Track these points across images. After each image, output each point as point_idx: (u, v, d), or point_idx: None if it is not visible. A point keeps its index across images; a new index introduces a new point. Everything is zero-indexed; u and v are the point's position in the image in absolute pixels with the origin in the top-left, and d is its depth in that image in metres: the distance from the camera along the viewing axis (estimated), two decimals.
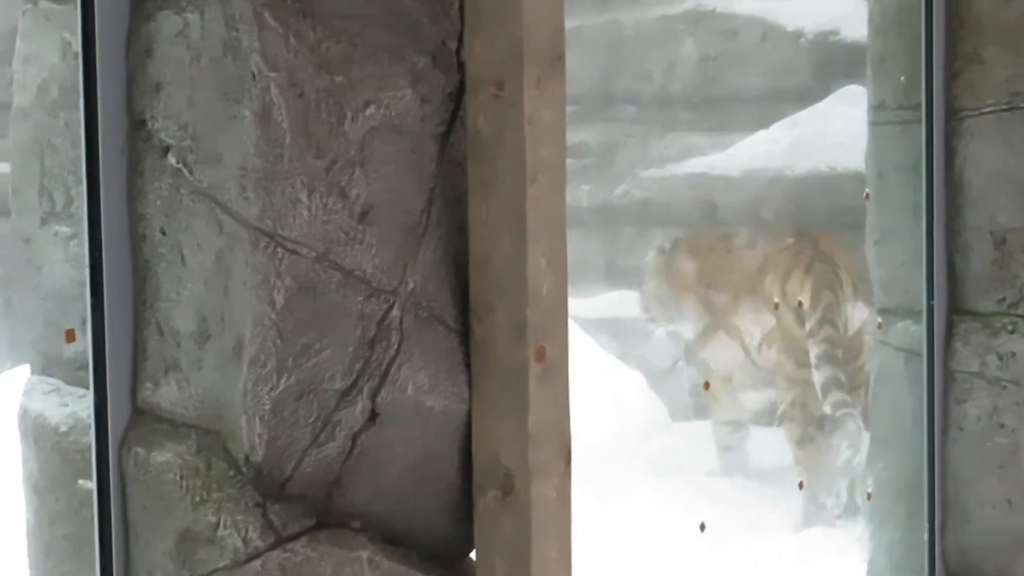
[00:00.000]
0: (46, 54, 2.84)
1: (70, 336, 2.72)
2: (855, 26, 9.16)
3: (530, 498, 2.54)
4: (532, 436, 2.55)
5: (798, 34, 9.61)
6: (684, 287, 8.21)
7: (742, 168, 9.28)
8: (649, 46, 9.93)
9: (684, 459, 7.35)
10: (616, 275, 8.99)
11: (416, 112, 2.65)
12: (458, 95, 2.71)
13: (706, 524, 6.12)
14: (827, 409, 7.60)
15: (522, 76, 2.61)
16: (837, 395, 7.63)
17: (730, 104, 9.60)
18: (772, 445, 7.75)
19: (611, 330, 8.29)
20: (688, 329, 8.01)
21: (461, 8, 2.71)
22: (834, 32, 9.54)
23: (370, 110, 2.59)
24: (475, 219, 2.66)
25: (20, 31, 2.90)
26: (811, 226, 8.69)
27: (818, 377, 7.62)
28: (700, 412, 8.10)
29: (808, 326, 7.76)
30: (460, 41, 2.71)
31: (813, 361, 7.61)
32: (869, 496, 4.35)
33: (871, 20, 4.38)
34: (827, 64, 9.46)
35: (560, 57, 2.67)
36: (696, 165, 9.56)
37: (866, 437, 6.10)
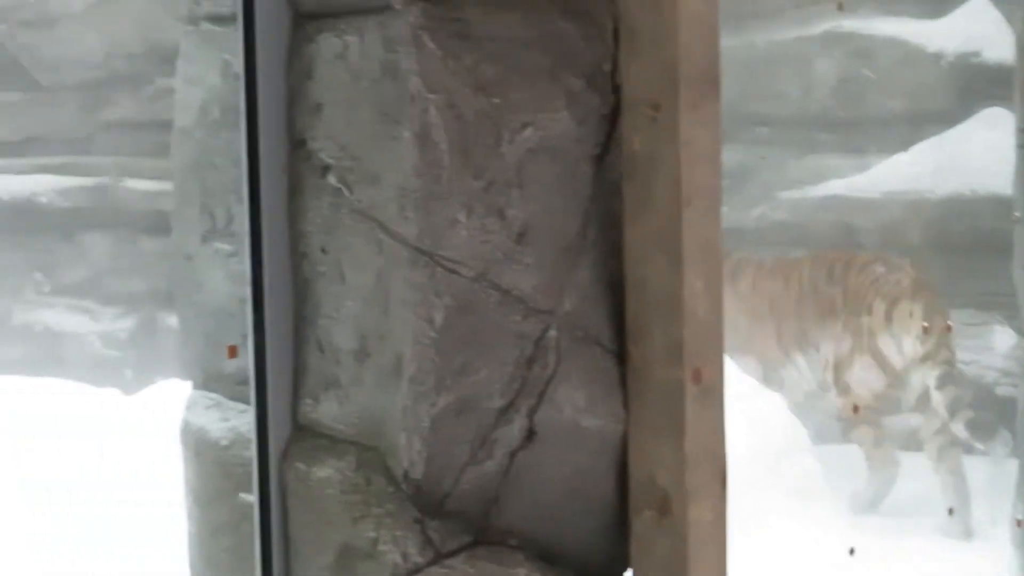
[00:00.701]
0: (207, 75, 2.89)
1: (232, 352, 2.77)
2: (997, 48, 9.09)
3: (687, 520, 2.54)
4: (688, 458, 2.55)
5: (938, 56, 9.53)
6: (750, 311, 8.18)
7: (881, 190, 9.23)
8: (785, 68, 9.90)
9: (828, 483, 7.32)
10: None
11: (572, 134, 2.67)
12: (612, 117, 2.72)
13: (855, 549, 6.09)
14: (958, 430, 7.59)
15: (678, 98, 2.62)
16: (968, 413, 7.63)
17: (868, 126, 9.55)
18: (918, 469, 7.71)
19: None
20: (829, 351, 7.98)
21: (615, 31, 2.72)
22: (975, 53, 9.45)
23: (527, 132, 2.61)
24: (630, 241, 2.67)
25: (181, 52, 2.96)
26: (953, 249, 8.62)
27: (942, 399, 7.64)
28: (843, 435, 8.06)
29: (924, 349, 7.78)
30: (614, 63, 2.72)
31: (934, 383, 7.66)
32: (1019, 523, 4.30)
33: (1019, 44, 4.35)
34: (968, 86, 9.38)
35: (715, 81, 2.68)
36: (834, 187, 9.52)
37: (1013, 464, 6.04)
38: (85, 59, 11.44)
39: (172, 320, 11.00)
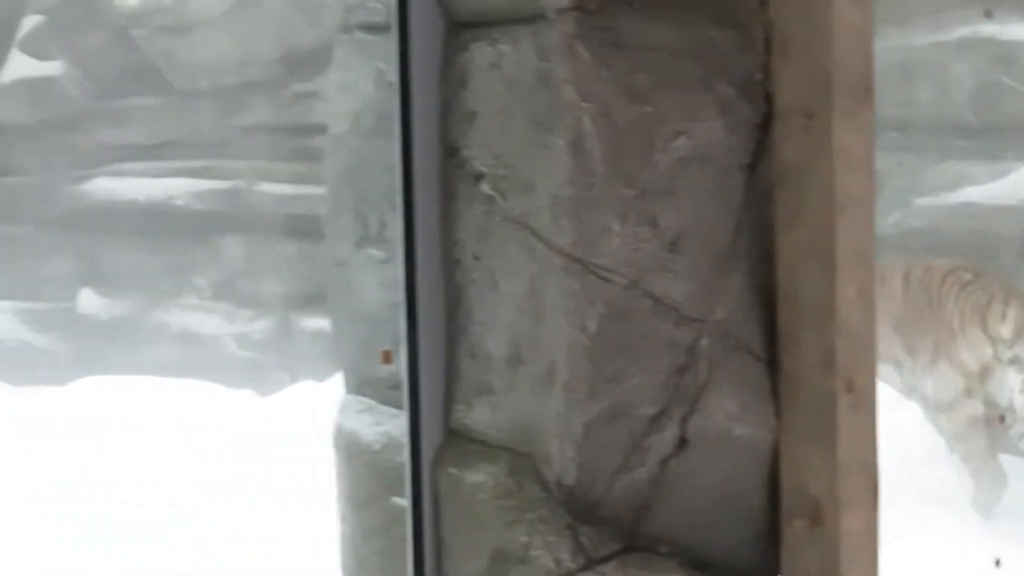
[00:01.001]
0: (360, 83, 2.93)
1: (387, 357, 2.80)
2: None
3: (839, 529, 2.54)
4: (841, 467, 2.55)
5: None
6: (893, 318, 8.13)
7: (1019, 197, 9.11)
8: (921, 73, 9.80)
9: (969, 493, 7.25)
10: None
11: (724, 142, 2.67)
12: (764, 126, 2.72)
13: (1000, 560, 6.02)
14: None
15: (831, 106, 2.61)
16: None
17: (1007, 132, 9.43)
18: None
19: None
20: (972, 361, 7.90)
21: (766, 40, 2.72)
22: None
23: (679, 140, 2.62)
24: (782, 249, 2.67)
25: (334, 61, 3.00)
26: None
27: None
28: (988, 445, 7.97)
29: (1007, 355, 7.73)
30: (765, 72, 2.72)
31: (1020, 386, 7.60)
32: None
33: None
34: None
35: (869, 89, 2.67)
36: (971, 194, 9.41)
37: None
38: (221, 64, 11.58)
39: (306, 323, 11.12)
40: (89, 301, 12.18)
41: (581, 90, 2.55)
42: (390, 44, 2.75)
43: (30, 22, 12.35)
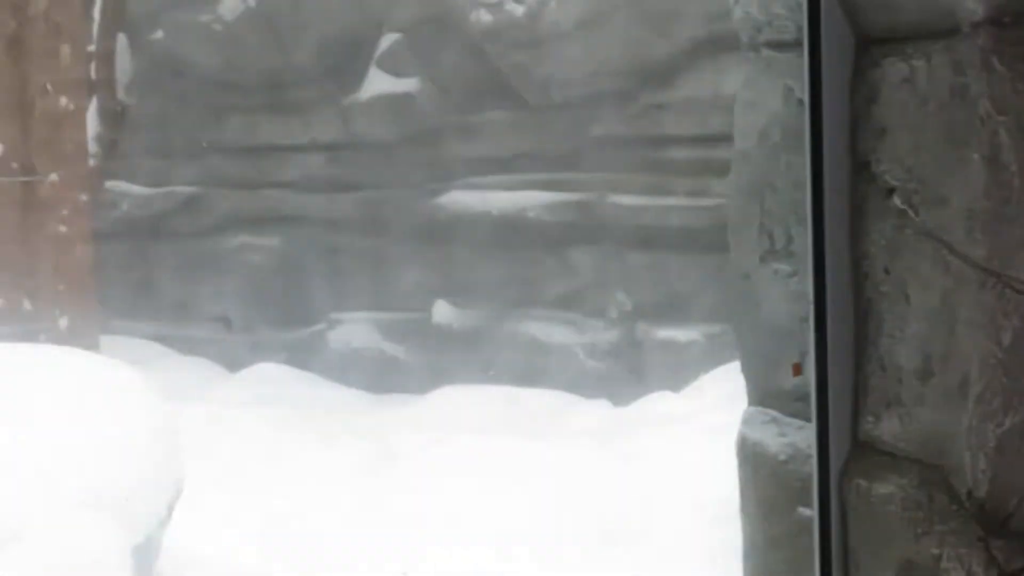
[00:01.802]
0: (767, 100, 2.98)
1: (796, 370, 2.84)
2: None
3: None
4: None
5: None
6: None
7: None
8: None
9: None
10: None
11: None
12: None
13: None
14: None
15: None
16: None
17: None
18: None
19: None
20: None
21: None
22: None
23: None
24: None
25: (743, 78, 3.06)
26: None
27: None
28: None
29: None
30: None
31: None
32: None
33: None
34: None
35: None
36: None
37: None
38: (572, 77, 11.74)
39: (656, 333, 11.20)
40: (443, 312, 12.48)
41: (997, 104, 2.55)
42: (800, 61, 2.79)
43: (387, 40, 12.73)
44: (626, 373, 11.34)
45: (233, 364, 12.99)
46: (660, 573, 6.61)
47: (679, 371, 10.78)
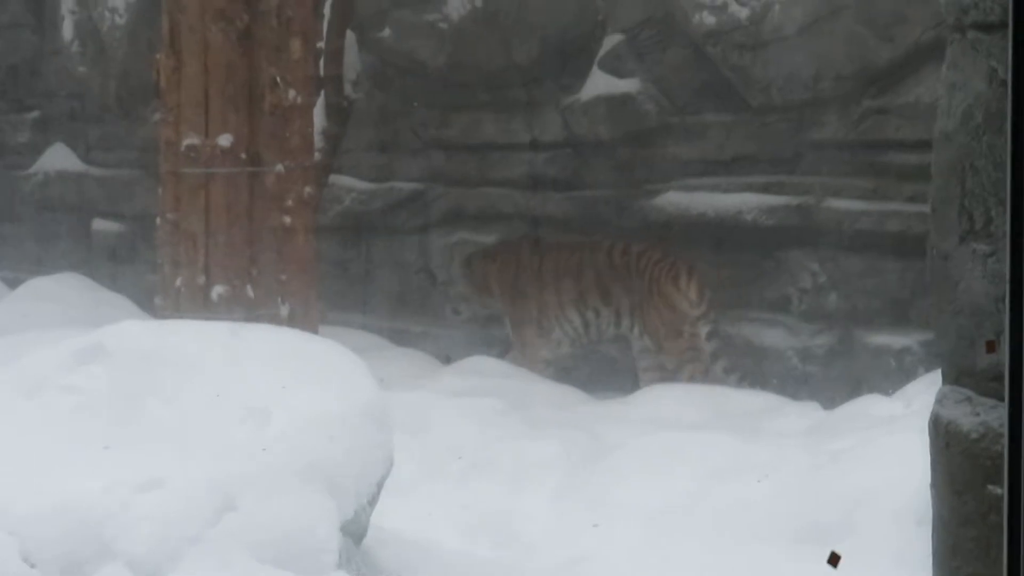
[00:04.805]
0: (972, 81, 2.99)
1: (990, 347, 2.85)
2: None
3: None
4: None
5: None
6: None
7: None
8: None
9: None
10: None
11: None
12: None
13: None
14: None
15: None
16: None
17: None
18: None
19: None
20: None
21: None
22: None
23: None
24: None
25: (947, 59, 3.07)
26: None
27: None
28: None
29: None
30: None
31: None
32: None
33: None
34: None
35: None
36: None
37: None
38: (794, 80, 11.69)
39: (870, 339, 11.11)
40: None
41: None
42: (1005, 43, 2.80)
43: (610, 41, 12.80)
44: (838, 377, 11.26)
45: (447, 356, 13.18)
46: (864, 571, 6.57)
47: (891, 376, 10.68)
